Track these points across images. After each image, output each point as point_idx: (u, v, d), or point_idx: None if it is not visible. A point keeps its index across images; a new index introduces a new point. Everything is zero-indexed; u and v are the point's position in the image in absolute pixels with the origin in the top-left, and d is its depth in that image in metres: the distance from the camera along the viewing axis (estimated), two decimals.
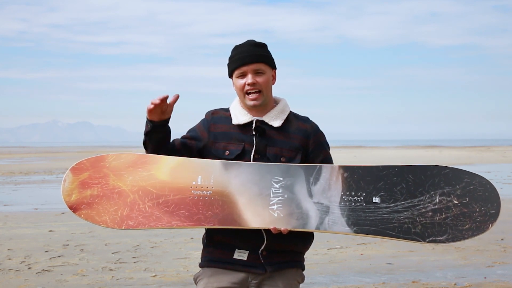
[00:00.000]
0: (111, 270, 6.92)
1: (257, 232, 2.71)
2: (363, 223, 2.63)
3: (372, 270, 6.87)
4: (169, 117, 2.78)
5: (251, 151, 2.77)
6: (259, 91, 2.78)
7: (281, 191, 2.68)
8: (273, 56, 2.87)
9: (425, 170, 2.67)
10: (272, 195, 2.68)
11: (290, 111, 2.87)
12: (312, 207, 2.66)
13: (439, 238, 2.60)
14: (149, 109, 2.72)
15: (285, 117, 2.83)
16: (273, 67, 2.85)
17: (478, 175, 2.65)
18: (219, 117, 2.86)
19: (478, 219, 2.60)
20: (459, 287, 6.16)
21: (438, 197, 2.64)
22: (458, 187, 2.64)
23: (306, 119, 2.88)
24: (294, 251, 2.79)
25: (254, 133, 2.78)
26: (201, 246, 2.87)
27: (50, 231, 9.69)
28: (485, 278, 6.46)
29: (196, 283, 2.82)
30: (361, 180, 2.68)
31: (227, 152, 2.78)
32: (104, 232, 9.28)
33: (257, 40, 2.87)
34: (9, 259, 7.54)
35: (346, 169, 2.71)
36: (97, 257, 7.63)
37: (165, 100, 2.71)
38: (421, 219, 2.62)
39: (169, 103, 2.73)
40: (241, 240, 2.73)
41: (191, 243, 8.54)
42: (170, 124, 2.81)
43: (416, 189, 2.65)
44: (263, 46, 2.84)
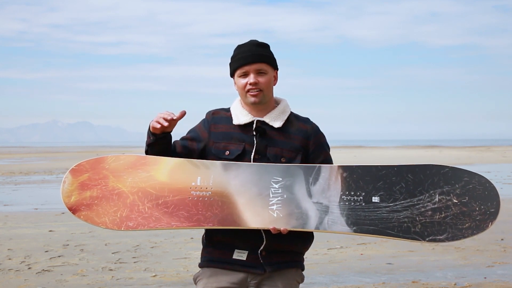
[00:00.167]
0: (111, 270, 6.92)
1: (256, 232, 2.71)
2: (363, 222, 2.63)
3: (372, 270, 6.86)
4: (172, 130, 2.78)
5: (252, 151, 2.77)
6: (260, 91, 2.78)
7: (280, 191, 2.68)
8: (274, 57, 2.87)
9: (424, 169, 2.67)
10: (271, 195, 2.68)
11: (291, 111, 2.87)
12: (311, 207, 2.65)
13: (438, 237, 2.60)
14: (154, 127, 2.72)
15: (285, 117, 2.83)
16: (275, 67, 2.85)
17: (477, 174, 2.66)
18: (219, 117, 2.86)
19: (478, 218, 2.60)
20: (459, 287, 6.16)
21: (437, 196, 2.64)
22: (457, 186, 2.64)
23: (306, 120, 2.88)
24: (293, 251, 2.79)
25: (254, 133, 2.78)
26: (201, 246, 2.87)
27: (50, 231, 9.69)
28: (485, 278, 6.46)
29: (195, 283, 2.82)
30: (360, 179, 2.68)
31: (228, 152, 2.78)
32: (104, 232, 9.28)
33: (258, 40, 2.87)
34: (9, 259, 7.54)
35: (345, 169, 2.71)
36: (97, 257, 7.63)
37: (172, 120, 2.71)
38: (421, 218, 2.62)
39: (175, 118, 2.72)
40: (240, 240, 2.73)
41: (191, 243, 8.54)
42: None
43: (415, 189, 2.65)
44: (266, 47, 2.84)
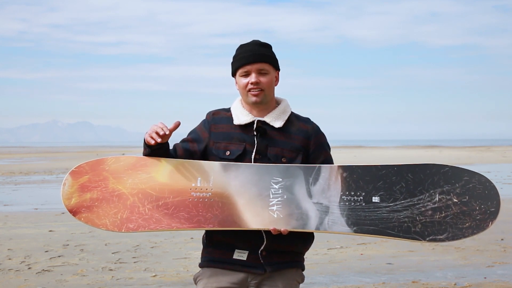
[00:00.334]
0: (111, 270, 6.92)
1: (256, 233, 2.71)
2: (363, 222, 2.63)
3: (372, 270, 6.86)
4: (167, 141, 2.76)
5: (252, 152, 2.76)
6: (261, 90, 2.78)
7: (280, 191, 2.68)
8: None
9: (424, 169, 2.67)
10: (271, 196, 2.68)
11: (291, 112, 2.87)
12: (311, 207, 2.65)
13: (439, 237, 2.60)
14: (148, 141, 2.71)
15: (286, 117, 2.82)
16: (276, 68, 2.85)
17: (477, 173, 2.66)
18: (220, 117, 2.86)
19: (478, 217, 2.60)
20: (459, 287, 6.15)
21: (437, 195, 2.64)
22: (457, 185, 2.64)
23: (307, 120, 2.88)
24: (294, 251, 2.79)
25: (255, 133, 2.78)
26: (201, 246, 2.87)
27: (50, 231, 9.69)
28: (485, 278, 6.46)
29: (196, 283, 2.82)
30: (360, 179, 2.68)
31: (228, 152, 2.78)
32: (104, 232, 9.26)
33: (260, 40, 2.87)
34: (9, 259, 7.54)
35: (345, 169, 2.71)
36: (97, 257, 7.63)
37: (165, 135, 2.70)
38: (421, 218, 2.62)
39: (168, 131, 2.70)
40: (240, 240, 2.73)
41: (191, 243, 8.54)
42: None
43: (415, 188, 2.65)
44: (268, 47, 2.84)
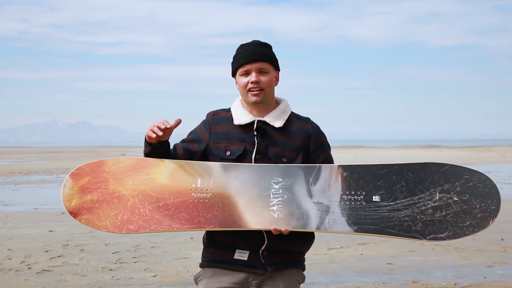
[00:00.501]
0: (111, 270, 6.92)
1: (257, 233, 2.71)
2: (364, 222, 2.63)
3: (372, 270, 6.86)
4: (168, 138, 2.77)
5: (253, 151, 2.76)
6: (261, 90, 2.78)
7: (281, 191, 2.68)
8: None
9: (424, 167, 2.67)
10: (272, 196, 2.67)
11: (292, 111, 2.87)
12: (312, 207, 2.65)
13: (440, 235, 2.60)
14: (149, 136, 2.72)
15: (286, 117, 2.82)
16: (277, 68, 2.86)
17: (477, 171, 2.66)
18: (220, 117, 2.86)
19: (479, 215, 2.60)
20: (459, 287, 6.15)
21: (438, 194, 2.64)
22: (457, 184, 2.64)
23: (307, 120, 2.88)
24: (294, 251, 2.79)
25: (255, 133, 2.78)
26: (201, 246, 2.87)
27: (50, 231, 9.69)
28: (485, 278, 6.46)
29: (196, 283, 2.82)
30: (360, 179, 2.68)
31: (229, 152, 2.78)
32: (104, 232, 9.27)
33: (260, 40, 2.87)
34: (9, 259, 7.54)
35: (345, 168, 2.70)
36: (97, 257, 7.62)
37: (166, 129, 2.71)
38: (422, 216, 2.62)
39: (169, 127, 2.71)
40: (241, 240, 2.73)
41: (191, 243, 8.54)
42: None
43: (416, 187, 2.65)
44: (268, 47, 2.85)
